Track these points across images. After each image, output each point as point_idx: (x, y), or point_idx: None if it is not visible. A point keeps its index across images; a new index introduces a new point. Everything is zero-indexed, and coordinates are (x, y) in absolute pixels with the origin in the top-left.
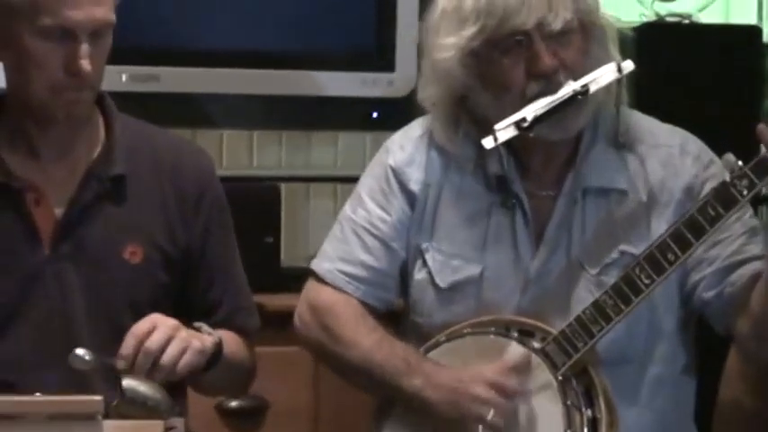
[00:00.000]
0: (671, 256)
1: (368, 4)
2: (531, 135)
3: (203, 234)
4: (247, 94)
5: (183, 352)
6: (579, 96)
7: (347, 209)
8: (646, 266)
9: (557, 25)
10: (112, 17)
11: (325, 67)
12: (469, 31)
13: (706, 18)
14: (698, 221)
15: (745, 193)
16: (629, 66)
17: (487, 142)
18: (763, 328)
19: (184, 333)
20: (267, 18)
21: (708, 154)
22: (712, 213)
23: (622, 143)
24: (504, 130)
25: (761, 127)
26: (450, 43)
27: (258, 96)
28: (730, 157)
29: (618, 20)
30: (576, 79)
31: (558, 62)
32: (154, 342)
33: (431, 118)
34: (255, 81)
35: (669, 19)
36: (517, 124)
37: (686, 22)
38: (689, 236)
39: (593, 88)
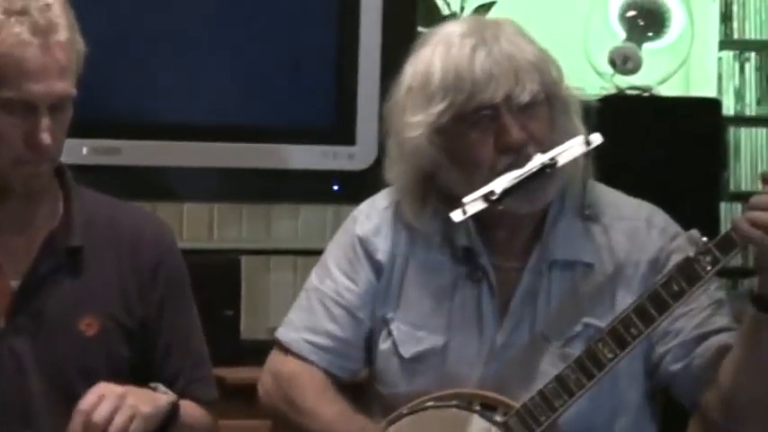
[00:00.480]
0: (634, 331)
1: (328, 77)
2: (501, 208)
3: (160, 305)
4: (208, 167)
5: (131, 419)
6: (548, 169)
7: (314, 278)
8: (609, 341)
9: (524, 98)
10: (73, 90)
11: (286, 140)
12: (438, 107)
13: (666, 91)
14: (661, 296)
15: (708, 269)
16: (597, 139)
17: (456, 215)
18: (730, 402)
19: (132, 399)
20: (228, 91)
21: (673, 227)
22: (676, 289)
23: (588, 215)
24: (473, 203)
25: (736, 221)
26: (418, 121)
27: (219, 169)
28: (695, 233)
29: (582, 91)
30: (544, 152)
31: (526, 135)
32: (100, 415)
33: (397, 193)
34: (216, 154)
35: (629, 92)
36: (486, 197)
37: (646, 94)
38: (652, 311)
39: (561, 161)
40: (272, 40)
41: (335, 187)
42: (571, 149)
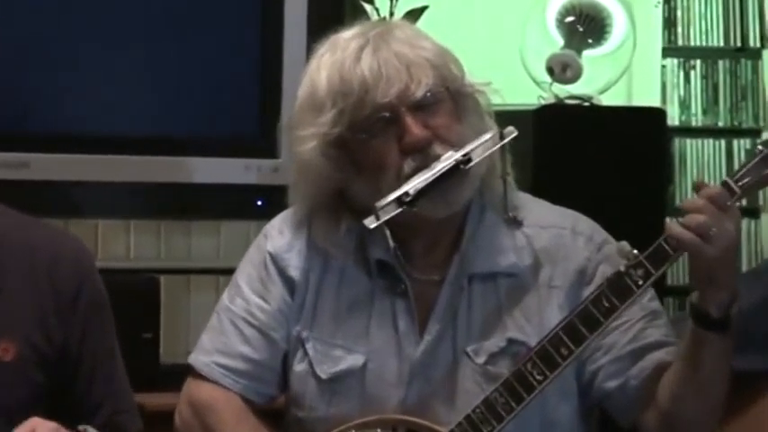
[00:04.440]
0: (564, 351)
1: (251, 86)
2: (415, 209)
3: (81, 333)
4: (124, 182)
5: None
6: (462, 166)
7: (224, 298)
8: (538, 362)
9: (419, 92)
10: None
11: (206, 152)
12: (327, 116)
13: (608, 100)
14: (592, 314)
15: (640, 283)
16: (511, 132)
17: (369, 222)
18: (671, 422)
19: None
20: (145, 102)
21: (600, 234)
22: (606, 305)
23: (512, 218)
24: (387, 208)
25: (669, 223)
26: (309, 134)
27: (135, 184)
28: (625, 245)
29: (496, 94)
30: (454, 149)
31: (429, 133)
32: None
33: (308, 213)
34: (132, 168)
35: (569, 101)
36: (399, 200)
37: (586, 104)
38: (582, 329)
39: (475, 157)
40: (190, 46)
41: (259, 202)
42: (485, 144)
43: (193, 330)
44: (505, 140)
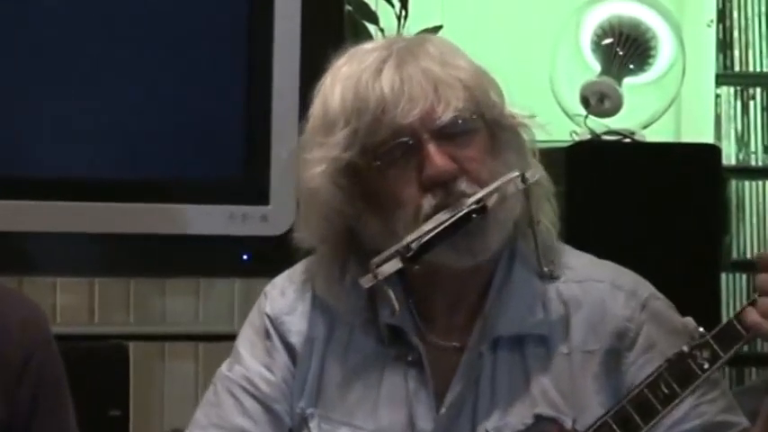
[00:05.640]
0: None
1: (235, 123)
2: (417, 268)
3: (29, 408)
4: (87, 233)
5: None
6: (474, 215)
7: (223, 367)
8: None
9: (446, 116)
10: None
11: (183, 199)
12: (339, 137)
13: (652, 136)
14: (648, 400)
15: (706, 366)
16: (536, 173)
17: (366, 281)
18: None
19: None
20: (111, 141)
21: (646, 289)
22: (666, 392)
23: (549, 273)
24: (387, 264)
25: (760, 254)
26: (318, 157)
27: (100, 235)
28: (690, 321)
29: (536, 135)
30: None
31: (456, 166)
32: None
33: (313, 260)
34: (97, 216)
35: (607, 137)
36: (401, 254)
37: (628, 140)
38: (637, 418)
39: (491, 202)
40: (166, 77)
41: (245, 257)
42: (502, 188)
43: (168, 406)
44: (528, 183)
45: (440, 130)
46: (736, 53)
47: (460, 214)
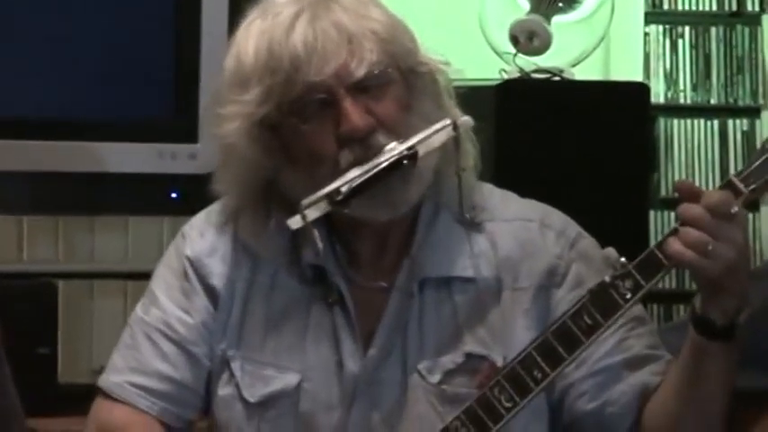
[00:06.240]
0: (538, 374)
1: (165, 62)
2: (347, 211)
3: None
4: (14, 171)
5: None
6: (405, 161)
7: (138, 309)
8: (507, 386)
9: (360, 71)
10: None
11: (111, 137)
12: (253, 94)
13: (581, 74)
14: (571, 331)
15: (628, 296)
16: (467, 122)
17: (294, 222)
18: None
19: None
20: (42, 80)
21: (574, 228)
22: (589, 322)
23: (470, 219)
24: (314, 207)
25: (679, 182)
26: (232, 112)
27: (28, 173)
28: (611, 252)
29: (461, 73)
30: (400, 141)
31: (372, 120)
32: None
33: (234, 206)
34: (24, 155)
35: (536, 75)
36: (329, 198)
37: (557, 78)
38: (560, 349)
39: (422, 150)
40: (97, 19)
41: (174, 195)
42: (435, 136)
43: (97, 344)
44: (459, 131)
45: (355, 85)
46: None
47: (392, 160)
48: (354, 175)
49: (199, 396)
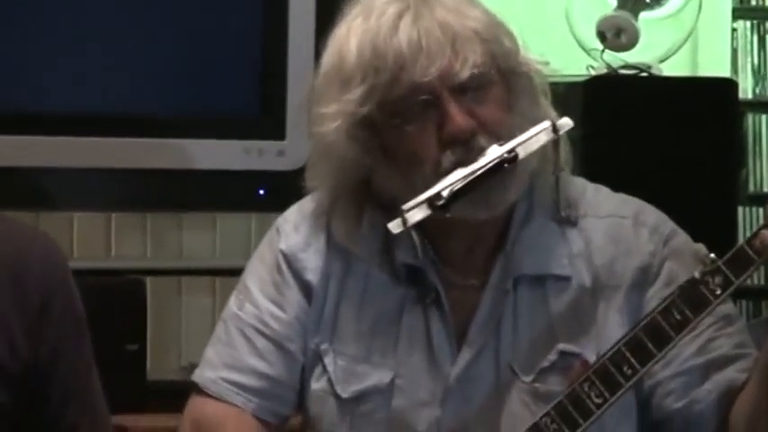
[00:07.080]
0: (627, 370)
1: (253, 59)
2: (449, 215)
3: (53, 349)
4: (103, 168)
5: None
6: (506, 165)
7: (232, 305)
8: (596, 382)
9: (464, 73)
10: None
11: (199, 134)
12: (355, 93)
13: (669, 70)
14: (661, 327)
15: (718, 292)
16: (566, 124)
17: (394, 226)
18: None
19: None
20: (127, 75)
21: (668, 225)
22: (678, 318)
23: (565, 218)
24: (415, 211)
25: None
26: (333, 112)
27: (117, 170)
28: (701, 248)
29: (553, 70)
30: (500, 143)
31: (475, 122)
32: None
33: (328, 203)
34: (113, 152)
35: (623, 71)
36: (430, 202)
37: (644, 74)
38: (650, 345)
39: (522, 153)
40: (183, 11)
41: (261, 191)
42: (535, 138)
43: (185, 341)
44: (559, 134)
45: (458, 87)
46: None
47: (493, 164)
48: (455, 179)
49: (294, 391)
